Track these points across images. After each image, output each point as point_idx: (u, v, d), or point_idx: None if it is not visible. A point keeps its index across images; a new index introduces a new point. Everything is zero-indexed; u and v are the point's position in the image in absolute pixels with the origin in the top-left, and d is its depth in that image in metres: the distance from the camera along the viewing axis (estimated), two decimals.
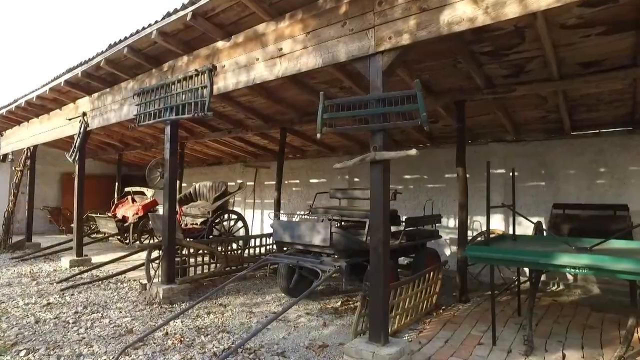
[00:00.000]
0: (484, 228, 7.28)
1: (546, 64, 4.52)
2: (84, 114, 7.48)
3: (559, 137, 6.62)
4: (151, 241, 9.99)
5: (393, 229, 6.07)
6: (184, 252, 6.09)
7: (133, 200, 10.49)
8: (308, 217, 5.40)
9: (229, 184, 8.69)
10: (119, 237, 10.12)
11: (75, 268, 7.42)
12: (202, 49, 5.19)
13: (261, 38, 4.44)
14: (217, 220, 7.62)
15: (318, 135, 3.73)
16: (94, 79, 6.79)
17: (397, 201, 6.50)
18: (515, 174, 7.17)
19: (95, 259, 8.03)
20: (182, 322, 4.53)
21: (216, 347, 3.81)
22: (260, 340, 4.05)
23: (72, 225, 11.68)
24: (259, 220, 11.07)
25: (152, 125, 9.18)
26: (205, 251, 6.17)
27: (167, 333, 4.14)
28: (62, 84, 7.09)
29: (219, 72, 4.89)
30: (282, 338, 4.13)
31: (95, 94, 7.34)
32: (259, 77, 4.47)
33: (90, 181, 12.91)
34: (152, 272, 5.64)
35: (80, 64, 6.55)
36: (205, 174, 12.18)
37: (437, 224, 6.33)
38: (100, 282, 6.29)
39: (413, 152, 3.29)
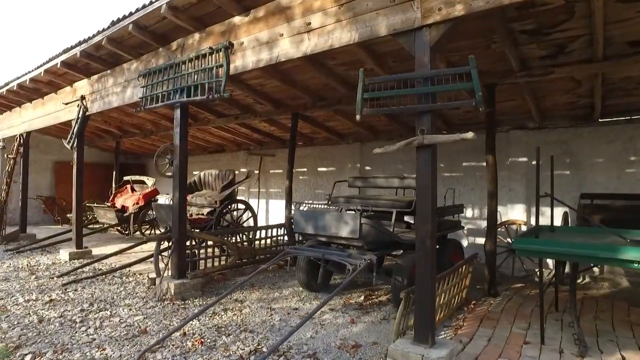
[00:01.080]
0: (503, 218, 7.07)
1: (591, 43, 4.20)
2: (83, 97, 7.01)
3: (586, 124, 6.35)
4: (152, 232, 9.61)
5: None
6: (193, 244, 5.74)
7: (132, 190, 10.08)
8: (333, 207, 5.06)
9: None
10: (118, 227, 9.72)
11: (76, 261, 7.05)
12: (216, 25, 4.77)
13: (286, 12, 4.05)
14: (224, 211, 7.26)
15: (357, 117, 3.38)
16: (94, 59, 6.32)
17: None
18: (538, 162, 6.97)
19: (96, 251, 7.65)
20: (199, 320, 4.21)
21: (241, 349, 3.50)
22: (287, 340, 3.75)
23: (68, 215, 11.27)
24: (263, 210, 10.73)
25: (153, 111, 8.76)
26: (216, 243, 5.82)
27: (184, 333, 3.82)
28: (58, 65, 6.61)
29: (236, 50, 4.49)
30: (310, 337, 3.84)
31: (95, 77, 6.87)
32: (283, 54, 4.08)
33: (86, 170, 12.40)
34: (161, 266, 5.30)
35: (79, 43, 6.08)
36: (207, 162, 11.76)
37: (459, 215, 6.06)
38: (104, 276, 5.93)
39: (470, 135, 2.97)
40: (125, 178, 10.40)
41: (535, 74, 4.83)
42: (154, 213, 7.46)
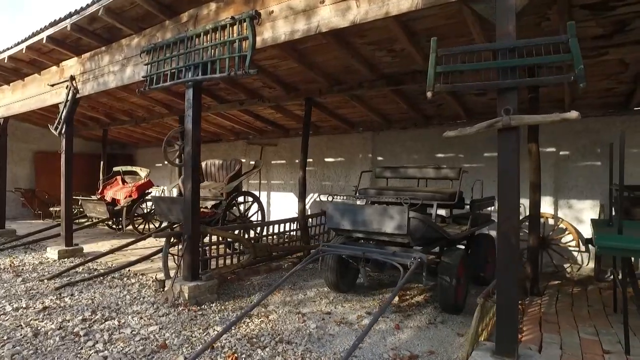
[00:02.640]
0: (527, 212, 6.75)
1: None
2: (72, 78, 6.27)
3: (619, 112, 6.05)
4: (147, 227, 8.93)
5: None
6: (204, 242, 5.17)
7: (123, 181, 9.34)
8: (363, 199, 4.58)
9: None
10: (109, 222, 8.99)
11: (66, 260, 6.36)
12: None
13: None
14: (232, 204, 6.68)
15: (429, 94, 2.90)
16: (87, 34, 5.60)
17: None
18: (566, 153, 6.67)
19: (87, 249, 6.97)
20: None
21: None
22: (331, 351, 3.28)
23: (51, 209, 10.45)
24: (265, 203, 10.17)
25: (148, 96, 8.08)
26: (229, 240, 5.27)
27: (212, 347, 3.29)
28: (44, 41, 5.85)
29: (263, 20, 3.92)
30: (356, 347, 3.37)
31: (87, 54, 6.13)
32: (325, 24, 3.54)
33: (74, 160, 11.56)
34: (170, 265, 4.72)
35: (69, 15, 5.35)
36: (202, 152, 11.03)
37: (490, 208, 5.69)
38: (101, 277, 5.29)
39: (574, 115, 2.54)
40: (115, 169, 9.63)
41: (587, 56, 4.44)
42: (153, 206, 6.81)
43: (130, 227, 8.57)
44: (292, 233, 6.56)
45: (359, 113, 7.84)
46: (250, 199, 6.96)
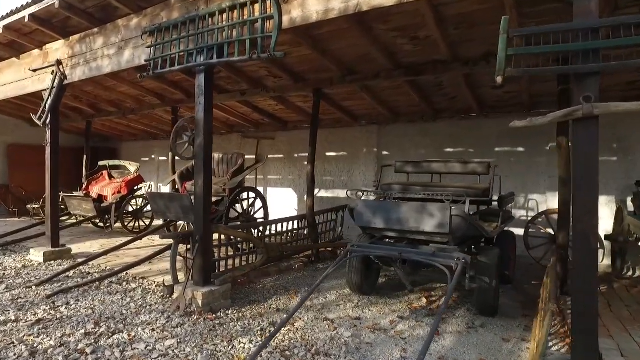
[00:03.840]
0: (542, 208, 6.63)
1: None
2: (59, 62, 5.67)
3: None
4: (136, 225, 8.36)
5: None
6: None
7: (110, 177, 8.71)
8: (389, 194, 4.26)
9: None
10: (95, 220, 8.37)
11: (53, 262, 5.80)
12: None
13: None
14: (236, 200, 6.26)
15: (499, 79, 2.59)
16: (78, 13, 5.04)
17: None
18: None
19: (75, 249, 6.40)
20: (250, 341, 3.31)
21: None
22: None
23: (29, 206, 9.69)
24: None
25: (139, 84, 7.51)
26: (243, 240, 4.87)
27: None
28: (26, 20, 5.24)
29: None
30: (400, 358, 3.07)
31: (76, 37, 5.55)
32: (366, 2, 3.18)
33: None
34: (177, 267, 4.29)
35: None
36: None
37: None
38: (98, 282, 4.79)
39: None
40: (101, 163, 8.98)
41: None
42: (150, 203, 6.30)
43: (119, 225, 8.01)
44: (296, 231, 6.20)
45: (365, 106, 7.52)
46: (254, 195, 6.55)
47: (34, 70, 6.11)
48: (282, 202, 9.10)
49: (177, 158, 8.60)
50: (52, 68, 5.80)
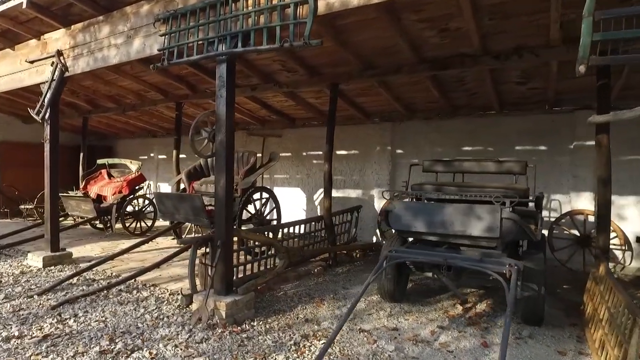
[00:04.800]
0: (565, 209, 6.42)
1: None
2: (60, 53, 5.27)
3: None
4: (138, 226, 7.97)
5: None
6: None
7: (110, 176, 8.30)
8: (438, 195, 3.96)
9: None
10: (94, 222, 7.96)
11: (53, 268, 5.40)
12: None
13: None
14: (249, 201, 5.92)
15: (582, 68, 2.30)
16: (81, 0, 4.66)
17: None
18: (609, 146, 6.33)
19: (75, 253, 5.99)
20: (286, 358, 3.00)
21: None
22: None
23: (22, 207, 9.22)
24: None
25: (142, 79, 7.12)
26: (264, 244, 4.55)
27: None
28: (24, 6, 4.82)
29: None
30: None
31: (79, 25, 5.15)
32: None
33: (43, 152, 10.29)
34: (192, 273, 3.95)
35: None
36: None
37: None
38: (105, 291, 4.42)
39: None
40: (100, 161, 8.55)
41: None
42: (156, 204, 5.93)
43: (119, 226, 7.62)
44: (313, 234, 5.90)
45: (379, 102, 7.23)
46: (267, 195, 6.22)
47: (31, 62, 5.69)
48: (290, 202, 8.77)
49: (182, 156, 8.25)
50: (51, 59, 5.39)
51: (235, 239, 4.36)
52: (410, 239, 4.17)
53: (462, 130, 7.08)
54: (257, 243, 4.59)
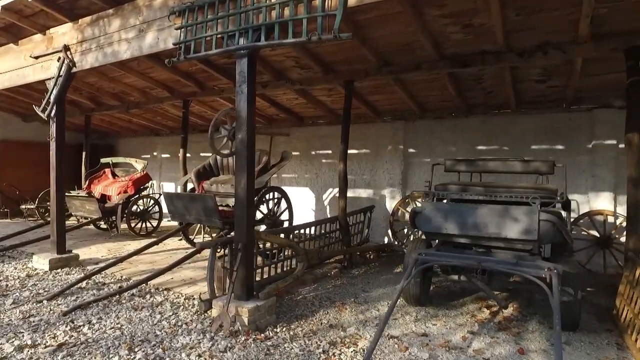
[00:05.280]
0: (583, 209, 6.30)
1: None
2: (67, 48, 5.07)
3: None
4: (142, 227, 7.78)
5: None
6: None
7: (114, 175, 8.11)
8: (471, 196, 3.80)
9: None
10: (98, 222, 7.77)
11: (60, 271, 5.22)
12: None
13: None
14: (262, 201, 5.75)
15: None
16: None
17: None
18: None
19: (81, 255, 5.80)
20: None
21: None
22: None
23: (23, 207, 9.00)
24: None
25: (148, 76, 6.93)
26: (283, 246, 4.39)
27: None
28: None
29: None
30: None
31: (87, 19, 4.96)
32: None
33: (42, 151, 10.04)
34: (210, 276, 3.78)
35: None
36: (198, 142, 9.92)
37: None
38: (118, 296, 4.25)
39: None
40: (103, 160, 8.35)
41: None
42: (166, 205, 5.76)
43: (124, 226, 7.43)
44: (327, 235, 5.74)
45: (392, 101, 7.09)
46: (279, 195, 6.05)
47: (36, 57, 5.49)
48: (299, 202, 8.60)
49: (188, 155, 8.07)
50: (57, 54, 5.20)
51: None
52: (435, 241, 4.03)
53: (477, 129, 6.95)
54: (274, 245, 4.42)
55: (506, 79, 5.53)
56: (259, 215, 5.93)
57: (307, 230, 5.16)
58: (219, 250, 3.78)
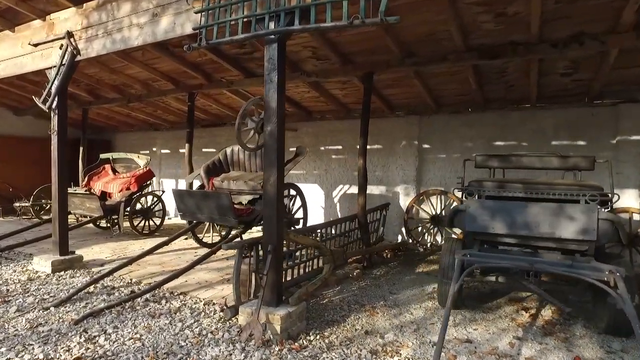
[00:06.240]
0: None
1: None
2: (70, 34, 4.72)
3: None
4: (145, 226, 7.44)
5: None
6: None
7: (114, 171, 7.74)
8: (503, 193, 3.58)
9: None
10: (98, 221, 7.40)
11: (64, 273, 4.89)
12: None
13: None
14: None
15: None
16: None
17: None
18: None
19: (85, 256, 5.46)
20: None
21: None
22: None
23: (16, 204, 8.58)
24: None
25: (152, 67, 6.59)
26: (297, 246, 4.13)
27: None
28: None
29: None
30: None
31: (92, 3, 4.61)
32: None
33: (37, 146, 9.63)
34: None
35: None
36: (200, 137, 9.57)
37: None
38: (131, 302, 3.94)
39: None
40: (103, 156, 7.97)
41: None
42: (175, 202, 5.44)
43: (126, 225, 7.08)
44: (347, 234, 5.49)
45: (407, 94, 6.85)
46: (294, 192, 5.78)
47: (35, 45, 5.11)
48: (307, 200, 8.34)
49: (184, 150, 7.73)
50: (60, 42, 4.84)
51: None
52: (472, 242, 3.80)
53: (494, 124, 6.76)
54: (297, 246, 4.16)
55: (532, 72, 5.33)
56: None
57: (330, 230, 4.91)
58: (245, 252, 3.49)
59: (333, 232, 5.07)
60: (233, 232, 6.15)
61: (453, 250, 3.67)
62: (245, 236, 5.23)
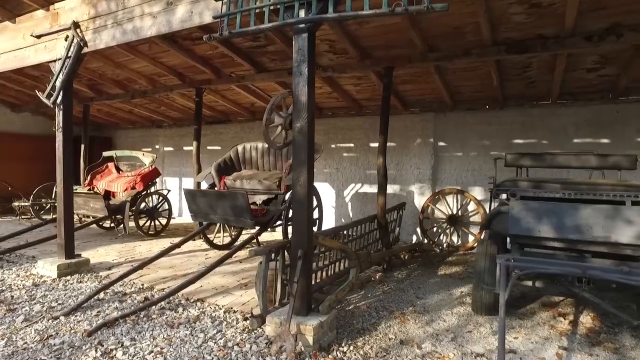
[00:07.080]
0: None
1: None
2: (76, 25, 4.45)
3: None
4: (150, 226, 7.17)
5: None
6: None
7: (118, 170, 7.47)
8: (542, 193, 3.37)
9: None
10: (102, 221, 7.13)
11: (71, 278, 4.63)
12: None
13: None
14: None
15: None
16: None
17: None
18: None
19: (91, 259, 5.20)
20: None
21: None
22: None
23: (15, 204, 8.27)
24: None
25: (159, 61, 6.33)
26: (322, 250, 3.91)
27: None
28: None
29: None
30: None
31: None
32: None
33: (36, 144, 9.33)
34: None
35: None
36: (205, 134, 9.27)
37: None
38: (146, 310, 3.70)
39: None
40: (106, 154, 7.69)
41: None
42: (187, 203, 5.19)
43: (131, 225, 6.82)
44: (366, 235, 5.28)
45: (423, 90, 6.64)
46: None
47: (38, 37, 4.83)
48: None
49: (188, 148, 7.47)
50: (65, 33, 4.57)
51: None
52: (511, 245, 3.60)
53: (513, 121, 6.56)
54: (321, 249, 3.94)
55: (558, 68, 5.13)
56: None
57: (353, 231, 4.70)
58: (272, 257, 3.26)
59: (352, 233, 4.86)
60: (243, 234, 5.92)
61: (489, 253, 3.47)
62: (244, 237, 5.03)
